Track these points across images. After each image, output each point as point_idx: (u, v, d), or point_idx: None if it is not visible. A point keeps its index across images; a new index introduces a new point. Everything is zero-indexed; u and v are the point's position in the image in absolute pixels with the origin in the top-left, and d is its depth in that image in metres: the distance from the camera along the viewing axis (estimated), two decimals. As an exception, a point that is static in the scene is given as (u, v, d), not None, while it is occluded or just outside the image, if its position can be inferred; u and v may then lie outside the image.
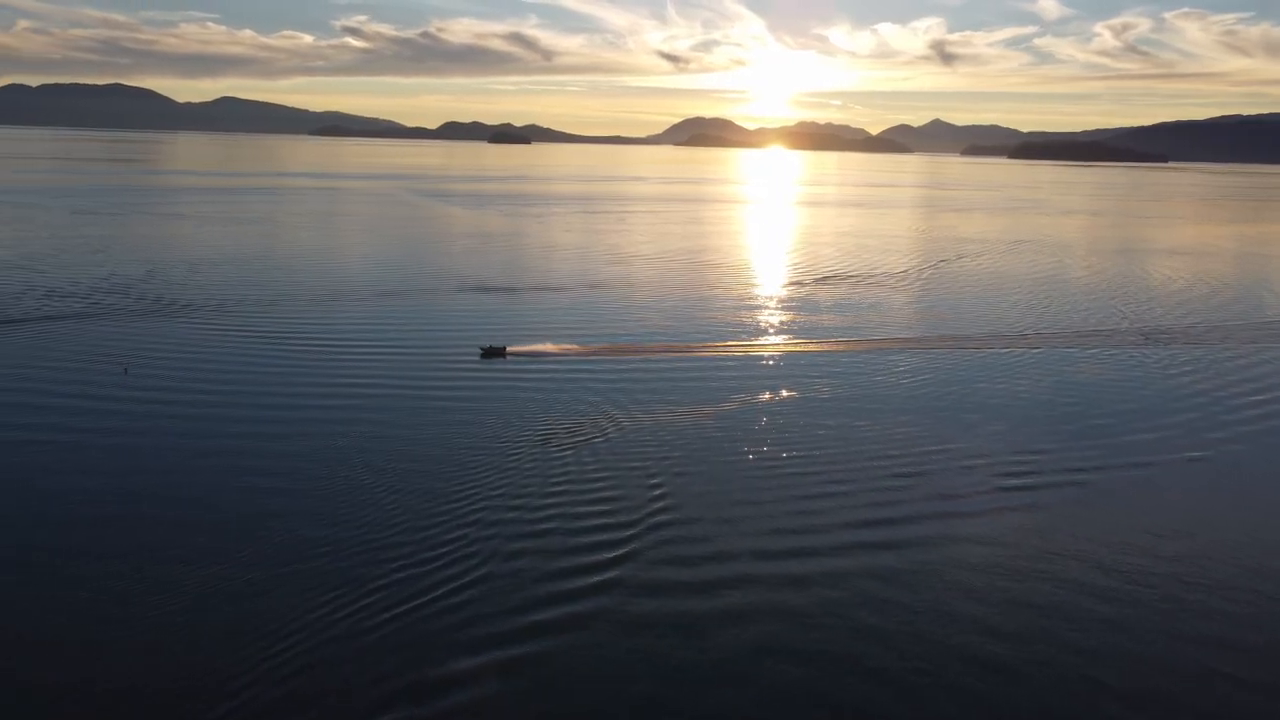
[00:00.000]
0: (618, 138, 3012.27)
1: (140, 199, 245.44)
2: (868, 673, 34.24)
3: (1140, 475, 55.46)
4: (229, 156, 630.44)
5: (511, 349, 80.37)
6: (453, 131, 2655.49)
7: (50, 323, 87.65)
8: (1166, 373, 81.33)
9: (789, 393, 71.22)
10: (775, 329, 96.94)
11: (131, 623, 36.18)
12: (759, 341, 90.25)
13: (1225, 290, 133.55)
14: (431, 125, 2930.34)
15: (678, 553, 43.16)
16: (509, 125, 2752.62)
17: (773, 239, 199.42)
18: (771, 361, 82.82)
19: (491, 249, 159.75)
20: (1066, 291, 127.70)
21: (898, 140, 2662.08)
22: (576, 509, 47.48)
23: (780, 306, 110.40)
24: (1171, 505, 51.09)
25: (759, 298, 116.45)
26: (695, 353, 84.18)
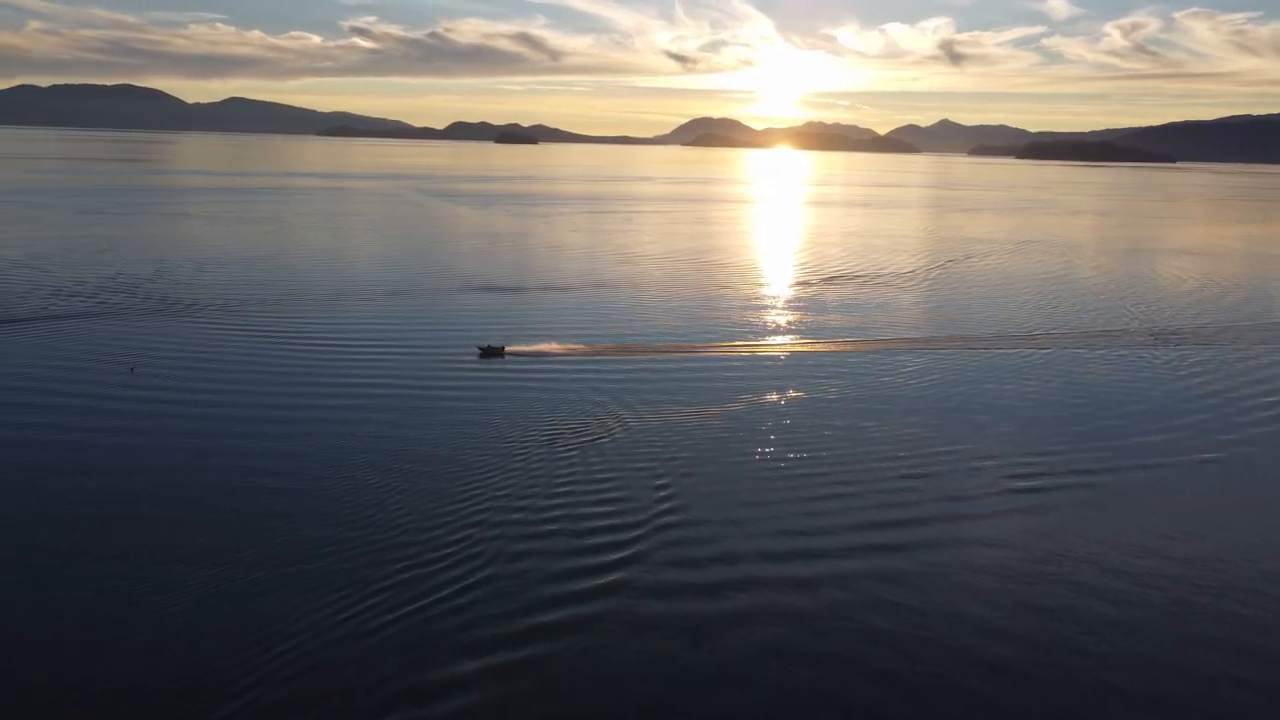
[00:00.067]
0: (625, 138, 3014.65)
1: (148, 199, 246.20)
2: (876, 675, 33.93)
3: (1150, 477, 55.01)
4: (237, 157, 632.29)
5: (510, 349, 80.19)
6: (460, 132, 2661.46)
7: (57, 322, 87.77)
8: (1177, 374, 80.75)
9: (796, 393, 70.86)
10: (782, 329, 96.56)
11: (132, 623, 36.02)
12: (765, 341, 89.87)
13: (1236, 291, 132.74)
14: (439, 125, 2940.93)
15: (684, 554, 42.87)
16: (516, 125, 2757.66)
17: (780, 239, 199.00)
18: (778, 362, 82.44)
19: (497, 249, 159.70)
20: (1075, 292, 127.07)
21: (905, 140, 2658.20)
22: (581, 510, 47.21)
23: (787, 306, 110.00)
24: (1182, 507, 50.64)
25: (765, 297, 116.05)
26: (700, 353, 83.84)
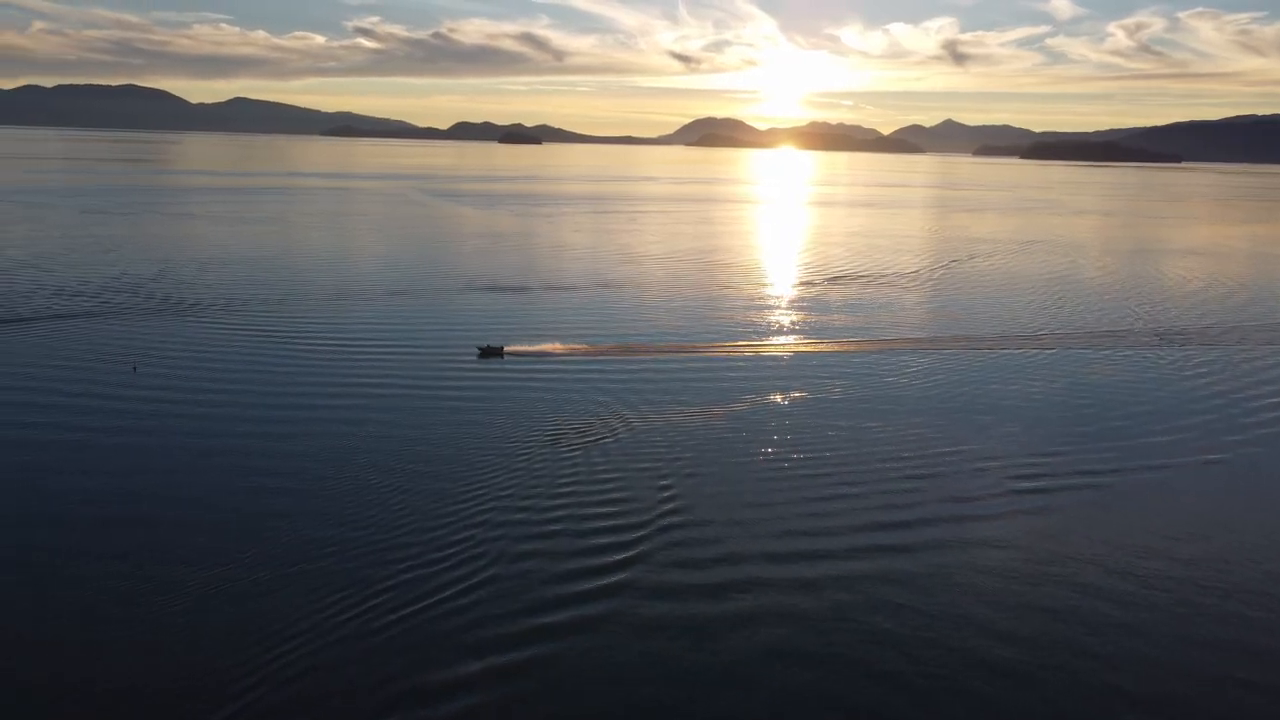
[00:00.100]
0: (629, 138, 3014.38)
1: (151, 199, 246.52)
2: (880, 677, 33.80)
3: (1156, 478, 54.81)
4: (240, 157, 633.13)
5: (509, 349, 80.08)
6: (464, 132, 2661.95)
7: (60, 321, 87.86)
8: (1182, 374, 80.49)
9: (799, 393, 70.70)
10: (785, 329, 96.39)
11: (133, 623, 35.97)
12: (768, 342, 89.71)
13: (1241, 291, 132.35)
14: (443, 125, 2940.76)
15: (687, 555, 42.76)
16: (520, 125, 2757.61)
17: (783, 239, 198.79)
18: (781, 362, 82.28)
19: (500, 249, 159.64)
20: (1080, 292, 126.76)
21: (909, 140, 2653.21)
22: (584, 510, 47.12)
23: (790, 306, 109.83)
24: (1187, 508, 50.44)
25: (769, 298, 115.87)
26: (703, 353, 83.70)
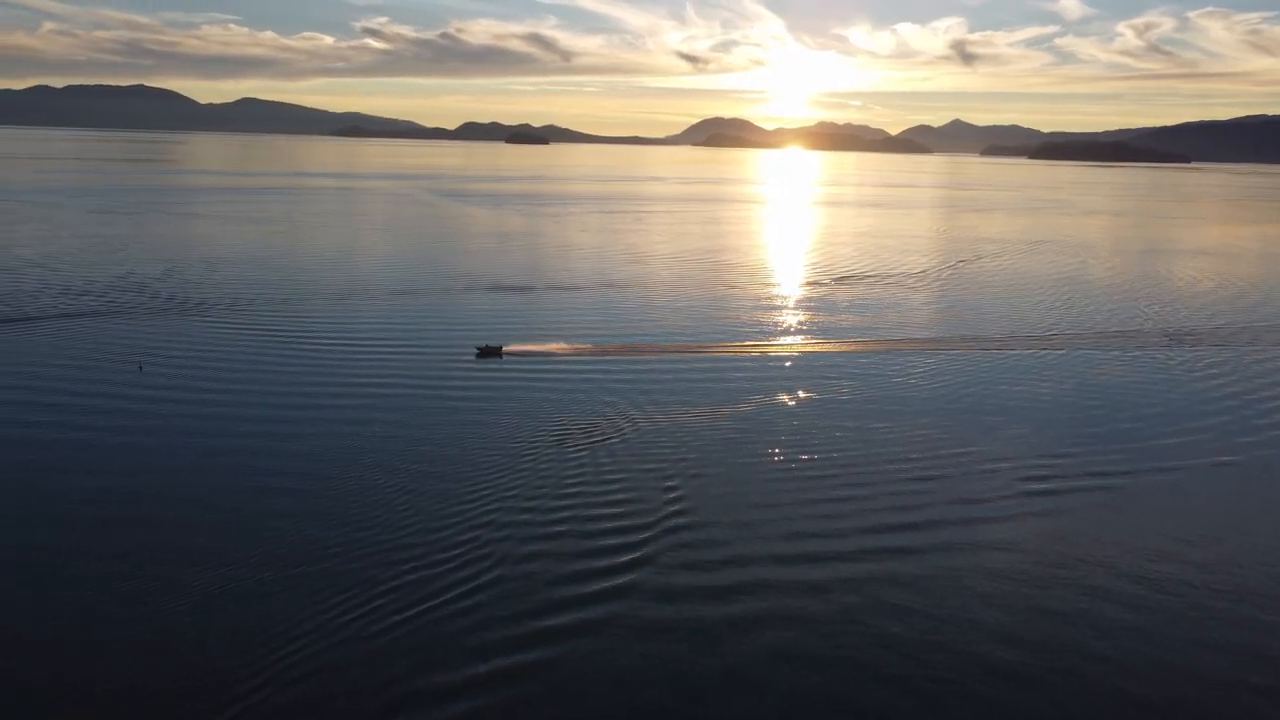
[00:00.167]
0: (636, 138, 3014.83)
1: (159, 199, 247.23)
2: (887, 681, 33.47)
3: (1167, 480, 54.32)
4: (248, 157, 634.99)
5: (508, 348, 79.83)
6: (471, 132, 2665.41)
7: (67, 320, 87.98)
8: (1193, 375, 79.88)
9: (806, 394, 70.35)
10: (792, 329, 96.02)
11: (136, 623, 35.83)
12: (775, 342, 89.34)
13: (1252, 292, 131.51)
14: (450, 126, 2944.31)
15: (693, 557, 42.47)
16: (527, 126, 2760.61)
17: (791, 239, 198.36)
18: (788, 362, 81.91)
19: (507, 248, 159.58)
20: (1089, 292, 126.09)
21: (917, 141, 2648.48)
22: (589, 512, 46.87)
23: (797, 306, 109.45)
24: (1199, 511, 49.97)
25: (776, 298, 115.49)
26: (708, 353, 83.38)
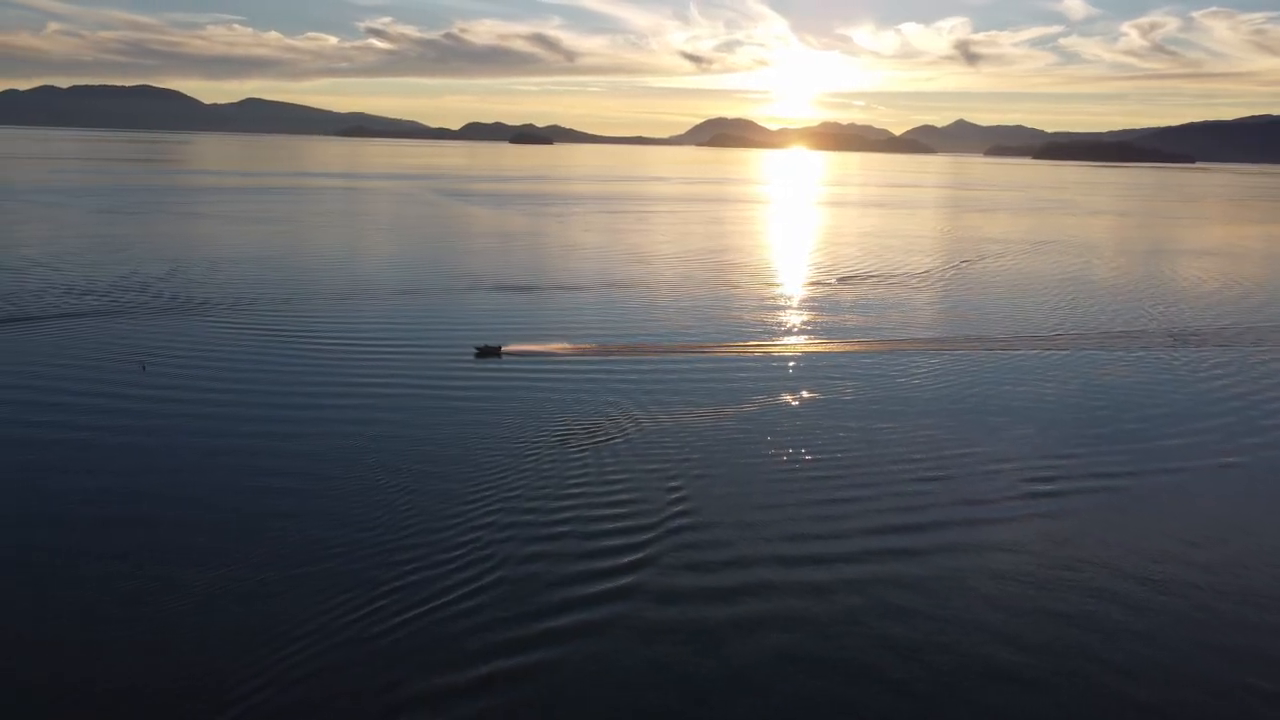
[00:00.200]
0: (640, 138, 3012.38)
1: (163, 198, 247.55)
2: (890, 684, 33.32)
3: (1172, 481, 54.08)
4: (252, 157, 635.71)
5: (507, 348, 79.70)
6: (475, 132, 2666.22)
7: (70, 320, 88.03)
8: (1197, 376, 79.58)
9: (809, 394, 70.17)
10: (795, 329, 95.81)
11: (137, 623, 35.75)
12: (778, 342, 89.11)
13: (1258, 292, 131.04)
14: (454, 126, 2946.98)
15: (696, 558, 42.33)
16: (531, 126, 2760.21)
17: (794, 239, 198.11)
18: (791, 362, 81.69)
19: (509, 248, 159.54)
20: (1093, 292, 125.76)
21: (921, 141, 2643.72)
22: (591, 512, 46.72)
23: (801, 306, 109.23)
24: (1204, 512, 49.74)
25: (778, 297, 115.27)
26: (711, 353, 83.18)
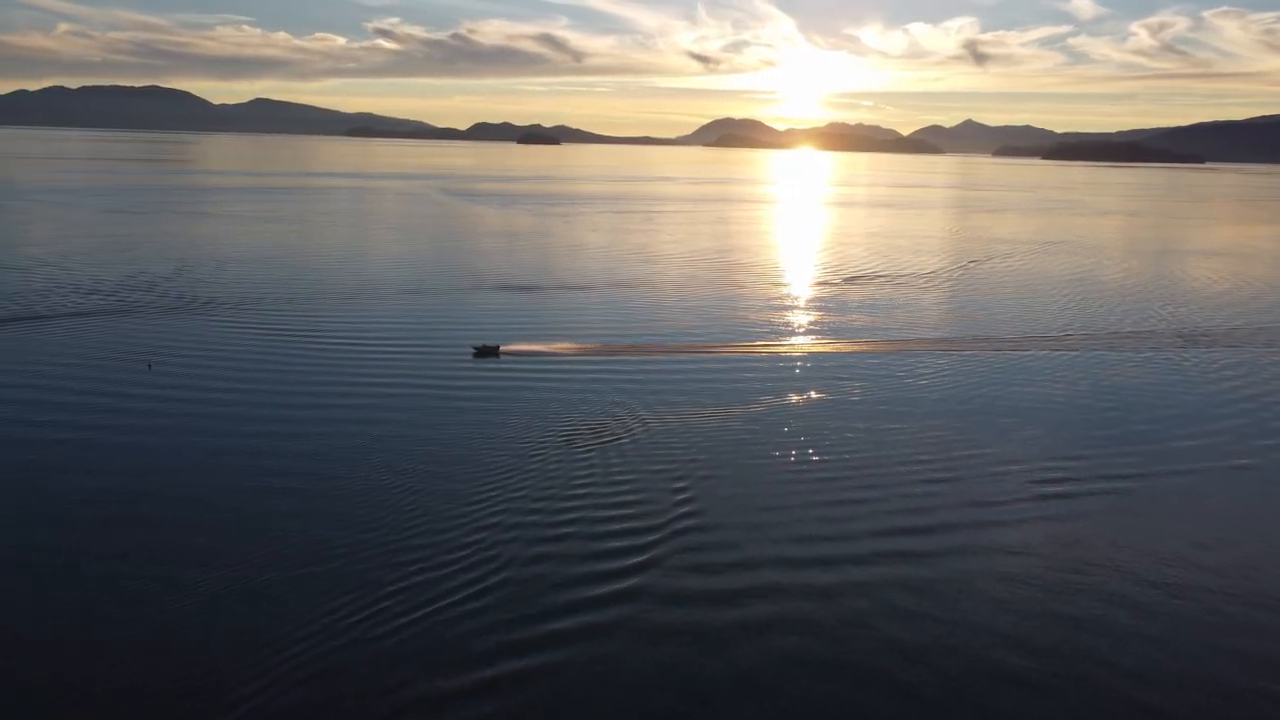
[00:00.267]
0: (647, 138, 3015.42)
1: (171, 198, 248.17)
2: (898, 687, 32.99)
3: (1182, 483, 53.58)
4: (261, 157, 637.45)
5: (505, 348, 79.43)
6: (482, 132, 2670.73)
7: (77, 319, 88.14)
8: (1208, 377, 78.96)
9: (816, 394, 69.80)
10: (802, 329, 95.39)
11: (138, 624, 35.60)
12: (784, 342, 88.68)
13: (1270, 293, 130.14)
14: (461, 126, 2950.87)
15: (701, 560, 42.04)
16: (538, 126, 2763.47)
17: (801, 239, 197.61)
18: (798, 362, 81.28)
19: (515, 248, 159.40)
20: (1102, 292, 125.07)
21: (929, 141, 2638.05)
22: (597, 513, 46.46)
23: (808, 306, 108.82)
24: (1216, 514, 49.26)
25: (785, 297, 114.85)
26: (716, 352, 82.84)
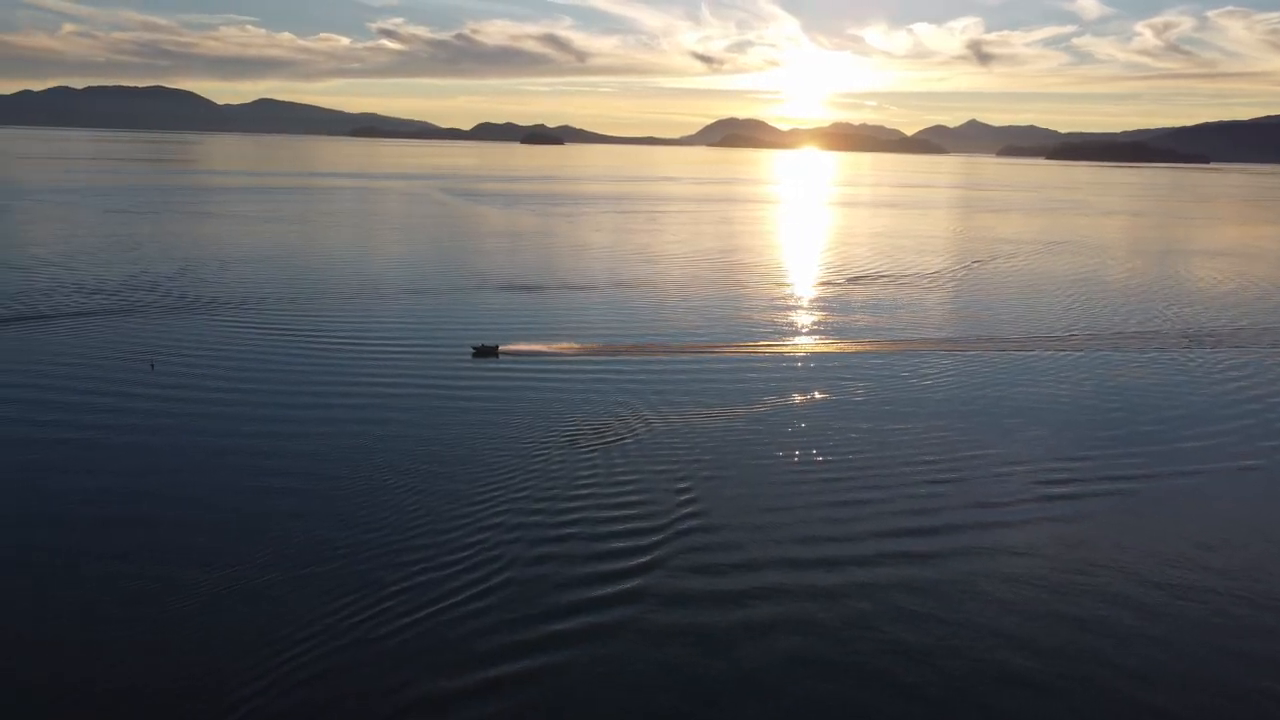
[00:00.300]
0: (650, 139, 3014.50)
1: (175, 198, 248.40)
2: (902, 688, 32.85)
3: (1188, 484, 53.36)
4: (265, 157, 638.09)
5: (504, 348, 79.29)
6: (486, 132, 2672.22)
7: (81, 319, 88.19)
8: (1213, 377, 78.67)
9: (820, 395, 69.62)
10: (806, 329, 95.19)
11: (139, 624, 35.55)
12: (787, 342, 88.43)
13: (1275, 293, 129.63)
14: (465, 126, 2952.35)
15: (705, 561, 41.91)
16: (542, 126, 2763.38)
17: (805, 239, 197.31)
18: (801, 362, 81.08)
19: (518, 248, 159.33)
20: (1107, 293, 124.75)
21: (933, 141, 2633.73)
22: (600, 514, 46.35)
23: (811, 306, 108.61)
24: (1222, 515, 49.03)
25: (789, 297, 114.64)
26: (718, 352, 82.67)
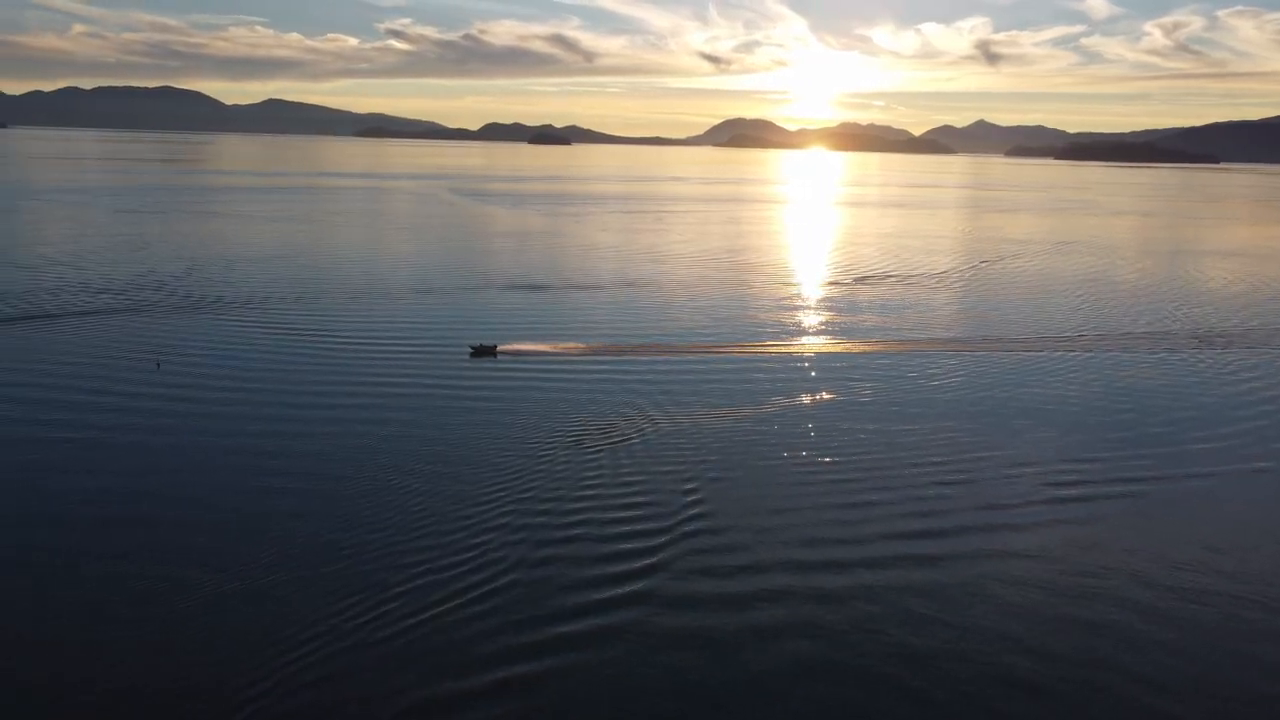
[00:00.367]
0: (658, 139, 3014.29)
1: (183, 198, 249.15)
2: (909, 692, 32.49)
3: (1200, 486, 52.84)
4: (273, 157, 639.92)
5: (502, 347, 79.02)
6: (494, 132, 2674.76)
7: (88, 318, 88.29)
8: (1224, 378, 78.01)
9: (827, 395, 69.20)
10: (813, 329, 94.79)
11: (141, 624, 35.39)
12: (795, 342, 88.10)
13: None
14: (473, 126, 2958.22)
15: (710, 564, 41.58)
16: (549, 126, 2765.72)
17: (813, 239, 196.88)
18: (808, 363, 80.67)
19: (524, 248, 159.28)
20: (1116, 293, 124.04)
21: (941, 141, 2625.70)
22: (604, 515, 46.07)
23: (819, 307, 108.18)
24: (1234, 518, 48.55)
25: (796, 297, 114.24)
26: (724, 352, 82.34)
